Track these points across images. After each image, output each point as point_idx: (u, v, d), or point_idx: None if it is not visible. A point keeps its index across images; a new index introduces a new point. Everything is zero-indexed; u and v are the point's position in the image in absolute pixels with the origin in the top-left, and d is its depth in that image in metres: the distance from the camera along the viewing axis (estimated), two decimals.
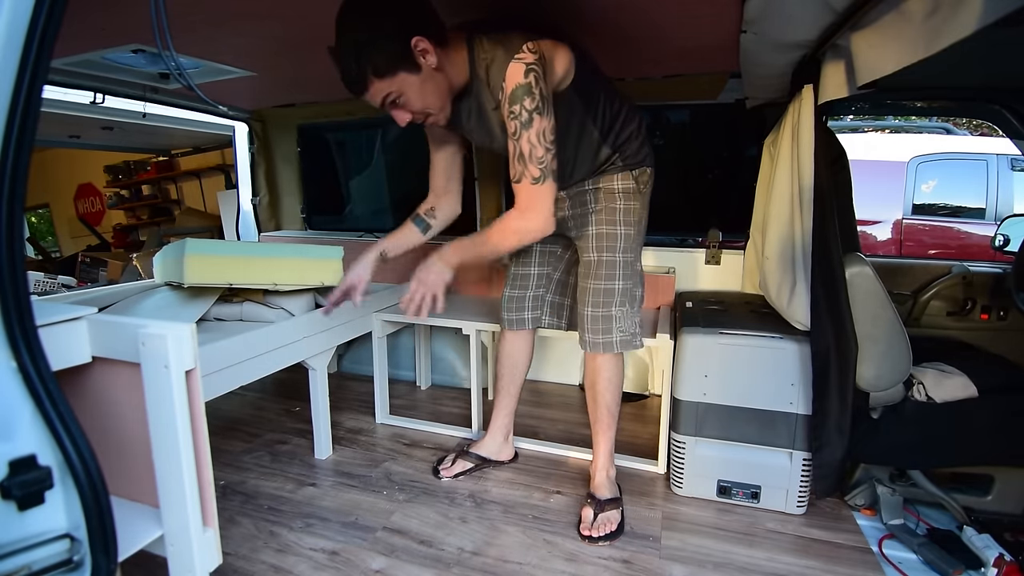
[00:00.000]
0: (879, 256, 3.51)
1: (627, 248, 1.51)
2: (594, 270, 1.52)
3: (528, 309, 1.73)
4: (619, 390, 1.59)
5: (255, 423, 2.20)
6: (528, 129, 1.22)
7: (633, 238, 1.52)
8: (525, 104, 1.20)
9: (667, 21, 1.48)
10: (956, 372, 1.50)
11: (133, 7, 1.22)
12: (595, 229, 1.51)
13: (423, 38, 1.16)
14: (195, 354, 0.89)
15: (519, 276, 1.74)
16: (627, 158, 1.49)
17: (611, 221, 1.50)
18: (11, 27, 0.64)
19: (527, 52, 1.19)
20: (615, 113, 1.45)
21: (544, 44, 1.23)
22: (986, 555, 1.30)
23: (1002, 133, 2.02)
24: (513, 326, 1.75)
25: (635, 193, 1.51)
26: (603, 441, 1.61)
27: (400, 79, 1.19)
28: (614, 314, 1.51)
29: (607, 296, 1.51)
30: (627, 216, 1.50)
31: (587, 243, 1.53)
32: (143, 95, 2.18)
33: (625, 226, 1.50)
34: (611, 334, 1.51)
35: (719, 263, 2.25)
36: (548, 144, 1.24)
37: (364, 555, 1.41)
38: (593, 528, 1.47)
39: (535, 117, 1.21)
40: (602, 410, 1.59)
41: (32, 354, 0.68)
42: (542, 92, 1.21)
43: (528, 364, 1.82)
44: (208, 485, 0.93)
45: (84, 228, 5.88)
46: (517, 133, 1.23)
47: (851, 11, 1.10)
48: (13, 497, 0.67)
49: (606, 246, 1.50)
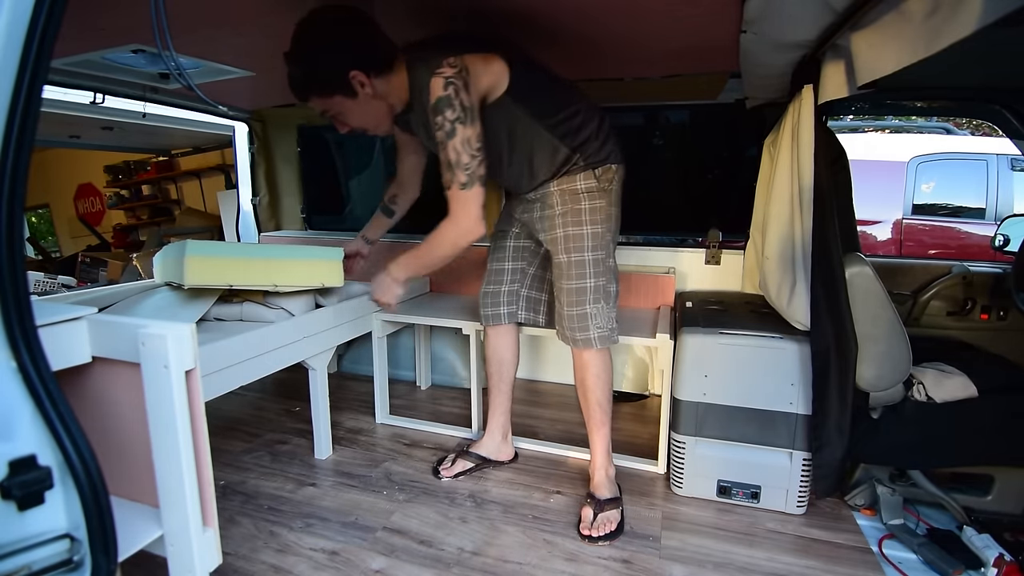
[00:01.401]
0: (879, 256, 3.51)
1: (596, 246, 1.53)
2: (565, 271, 1.55)
3: (504, 304, 1.75)
4: (608, 386, 1.61)
5: (255, 423, 2.20)
6: (452, 138, 1.31)
7: (601, 235, 1.53)
8: (447, 115, 1.29)
9: (667, 21, 1.48)
10: (956, 372, 1.50)
11: (133, 7, 1.22)
12: (562, 231, 1.54)
13: (360, 72, 1.32)
14: (195, 354, 0.89)
15: (494, 272, 1.78)
16: (588, 157, 1.51)
17: (577, 222, 1.53)
18: (11, 27, 0.64)
19: (446, 67, 1.29)
20: (570, 114, 1.49)
21: (468, 58, 1.32)
22: (986, 555, 1.30)
23: (1002, 133, 2.02)
24: (490, 321, 1.77)
25: (599, 191, 1.53)
26: (598, 439, 1.62)
27: (337, 101, 1.35)
28: (589, 311, 1.53)
29: (580, 295, 1.53)
30: (593, 215, 1.52)
31: (556, 245, 1.56)
32: (143, 95, 2.17)
33: (592, 225, 1.52)
34: (588, 331, 1.54)
35: (719, 263, 2.25)
36: (473, 152, 1.32)
37: (364, 555, 1.41)
38: (593, 528, 1.47)
39: (457, 127, 1.30)
40: (593, 406, 1.60)
41: (32, 354, 0.68)
42: (463, 103, 1.30)
43: (515, 360, 1.83)
44: (208, 485, 0.93)
45: (84, 228, 5.87)
46: (443, 143, 1.32)
47: (851, 11, 1.10)
48: (13, 497, 0.67)
49: (574, 247, 1.53)
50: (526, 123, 1.45)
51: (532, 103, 1.44)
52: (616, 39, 1.66)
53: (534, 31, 1.57)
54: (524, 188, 1.60)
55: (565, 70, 1.55)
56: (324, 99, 1.35)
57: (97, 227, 5.92)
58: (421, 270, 1.59)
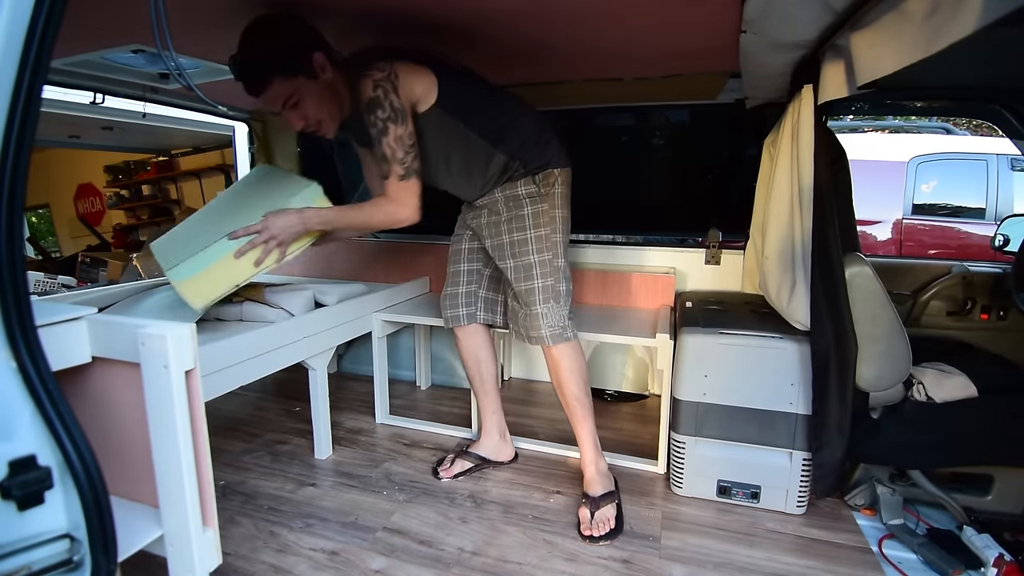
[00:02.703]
0: (879, 256, 3.51)
1: (541, 248, 1.58)
2: (513, 275, 1.60)
3: (462, 305, 1.78)
4: (582, 379, 1.63)
5: (255, 423, 2.20)
6: (386, 136, 1.39)
7: (546, 238, 1.58)
8: (378, 115, 1.37)
9: (666, 21, 1.48)
10: (956, 372, 1.50)
11: (133, 7, 1.22)
12: (507, 237, 1.61)
13: (321, 53, 1.36)
14: (195, 354, 0.89)
15: (452, 274, 1.82)
16: (528, 163, 1.57)
17: (520, 227, 1.59)
18: (11, 27, 0.63)
19: (376, 71, 1.37)
20: (506, 123, 1.55)
21: (398, 64, 1.39)
22: (986, 555, 1.30)
23: (1002, 133, 2.02)
24: (451, 322, 1.80)
25: (540, 196, 1.58)
26: (584, 433, 1.64)
27: (299, 83, 1.36)
28: (540, 311, 1.58)
29: (528, 295, 1.59)
30: (536, 219, 1.58)
31: (503, 251, 1.62)
32: (143, 95, 2.17)
33: (535, 228, 1.58)
34: (540, 329, 1.58)
35: (719, 263, 2.25)
36: (407, 147, 1.41)
37: (364, 555, 1.41)
38: (592, 527, 1.47)
39: (389, 125, 1.38)
40: (571, 401, 1.62)
41: (32, 354, 0.68)
42: (392, 104, 1.37)
43: (493, 358, 1.84)
44: (208, 485, 0.93)
45: (84, 228, 5.87)
46: (378, 139, 1.40)
47: (851, 11, 1.10)
48: (13, 497, 0.67)
49: (519, 252, 1.59)
50: (460, 132, 1.51)
51: (464, 113, 1.50)
52: (616, 39, 1.66)
53: (533, 32, 1.58)
54: (471, 196, 1.67)
55: (565, 71, 1.55)
56: (287, 80, 1.35)
57: (97, 227, 5.92)
58: (340, 225, 1.55)
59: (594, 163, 2.39)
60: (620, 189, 2.56)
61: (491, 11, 1.43)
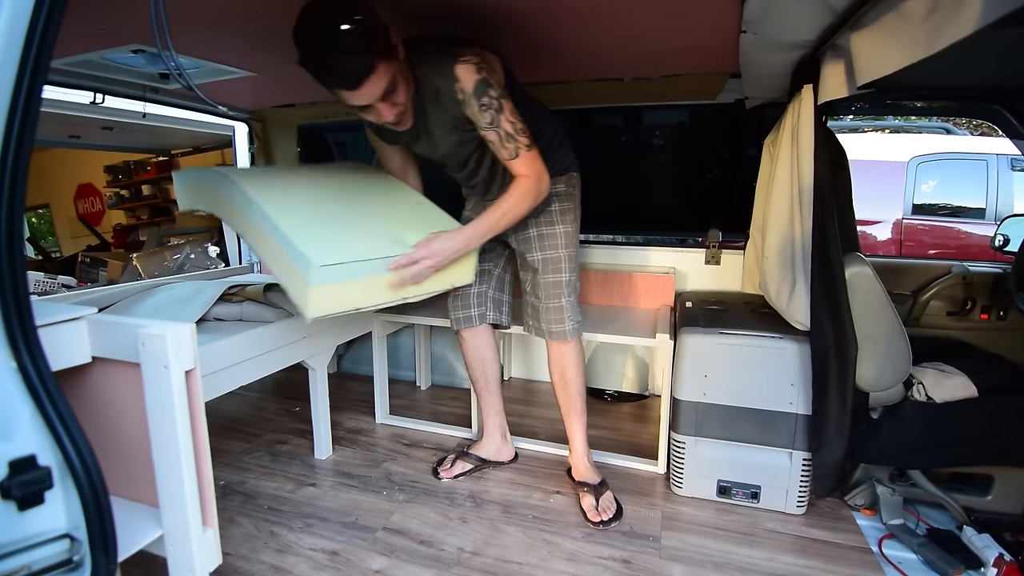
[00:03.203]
0: (879, 256, 3.51)
1: (567, 244, 1.62)
2: (542, 268, 1.62)
3: (474, 306, 1.78)
4: (584, 376, 1.69)
5: (255, 423, 2.20)
6: (502, 112, 1.34)
7: (572, 234, 1.63)
8: (491, 93, 1.32)
9: (665, 21, 1.48)
10: (956, 372, 1.50)
11: (133, 7, 1.22)
12: (536, 231, 1.62)
13: (393, 30, 1.22)
14: (195, 354, 0.89)
15: None
16: (555, 165, 1.56)
17: (549, 223, 1.61)
18: (11, 27, 0.64)
19: (469, 55, 1.32)
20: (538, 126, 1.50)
21: (478, 50, 1.36)
22: (986, 555, 1.30)
23: (1002, 133, 2.02)
24: (462, 324, 1.79)
25: (566, 195, 1.63)
26: (579, 429, 1.68)
27: (394, 66, 1.24)
28: (564, 304, 1.61)
29: (556, 288, 1.61)
30: (563, 216, 1.62)
31: (531, 244, 1.63)
32: (143, 95, 2.18)
33: (563, 224, 1.62)
34: (564, 323, 1.61)
35: (719, 263, 2.25)
36: (521, 120, 1.37)
37: (364, 555, 1.41)
38: (601, 512, 1.52)
39: (503, 102, 1.34)
40: (575, 396, 1.65)
41: (32, 354, 0.68)
42: (499, 82, 1.35)
43: (496, 359, 1.84)
44: (208, 485, 0.93)
45: (84, 228, 5.87)
46: (495, 120, 1.35)
47: (851, 11, 1.10)
48: (13, 497, 0.67)
49: (548, 245, 1.61)
50: None
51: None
52: (616, 39, 1.66)
53: (533, 32, 1.57)
54: (493, 193, 1.64)
55: (565, 72, 1.55)
56: (386, 63, 1.20)
57: (97, 227, 5.92)
58: (494, 232, 1.46)
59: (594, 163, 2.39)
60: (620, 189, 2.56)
61: (491, 11, 1.43)
